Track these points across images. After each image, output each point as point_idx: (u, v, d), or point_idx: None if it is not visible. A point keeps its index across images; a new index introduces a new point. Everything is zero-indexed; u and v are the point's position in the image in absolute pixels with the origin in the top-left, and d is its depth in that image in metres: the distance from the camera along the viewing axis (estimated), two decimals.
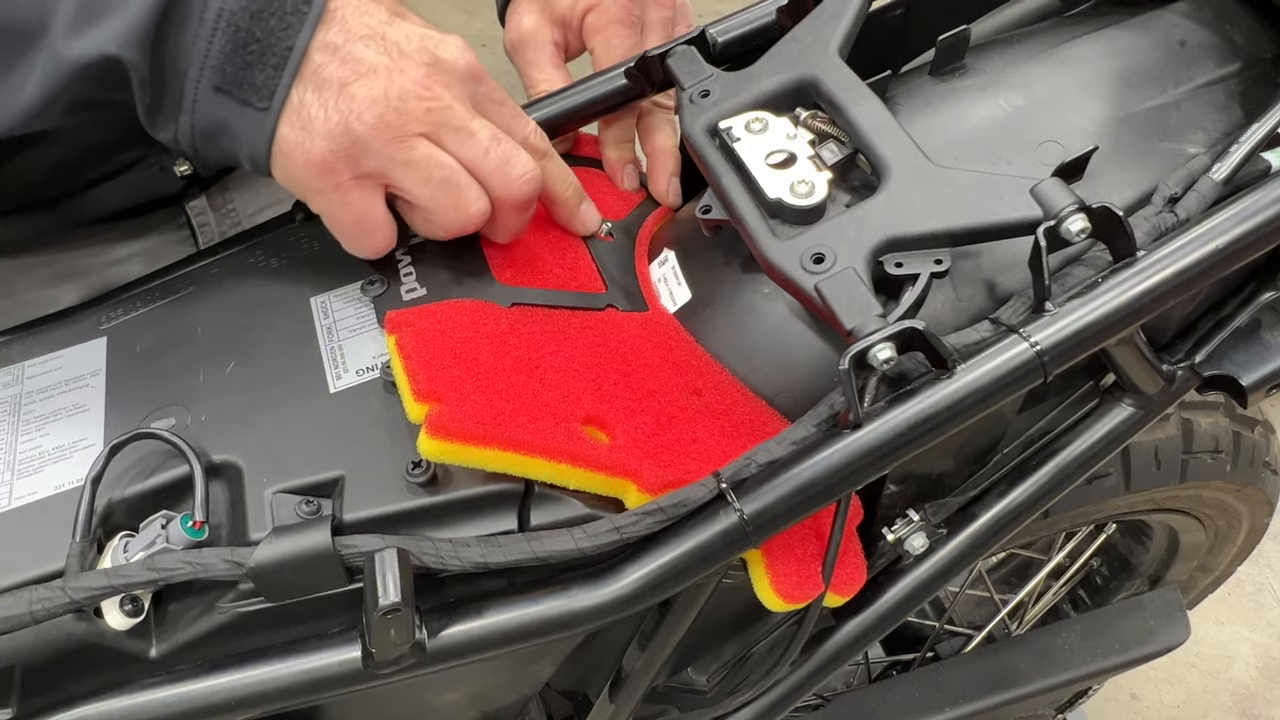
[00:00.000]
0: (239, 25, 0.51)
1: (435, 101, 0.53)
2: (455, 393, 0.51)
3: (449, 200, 0.55)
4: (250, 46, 0.51)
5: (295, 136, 0.52)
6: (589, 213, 0.64)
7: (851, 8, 0.62)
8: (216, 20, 0.51)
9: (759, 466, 0.50)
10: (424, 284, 0.58)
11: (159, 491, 0.52)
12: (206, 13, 0.51)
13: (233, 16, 0.51)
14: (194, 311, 0.61)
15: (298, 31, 0.51)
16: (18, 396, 0.58)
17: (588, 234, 0.65)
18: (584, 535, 0.50)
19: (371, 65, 0.52)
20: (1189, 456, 0.91)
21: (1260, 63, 0.65)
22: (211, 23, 0.51)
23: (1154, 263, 0.53)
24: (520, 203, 0.57)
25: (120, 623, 0.50)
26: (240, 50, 0.51)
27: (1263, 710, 1.56)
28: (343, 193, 0.54)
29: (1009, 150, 0.59)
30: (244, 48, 0.51)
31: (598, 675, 0.69)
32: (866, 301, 0.50)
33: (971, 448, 0.65)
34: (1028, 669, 1.00)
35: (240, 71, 0.52)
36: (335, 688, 0.51)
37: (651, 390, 0.56)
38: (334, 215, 0.55)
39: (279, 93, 0.52)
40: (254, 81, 0.52)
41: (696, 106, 0.61)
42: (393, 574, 0.47)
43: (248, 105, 0.52)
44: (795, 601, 0.54)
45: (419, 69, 0.53)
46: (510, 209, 0.57)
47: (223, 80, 0.52)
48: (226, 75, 0.52)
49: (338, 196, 0.54)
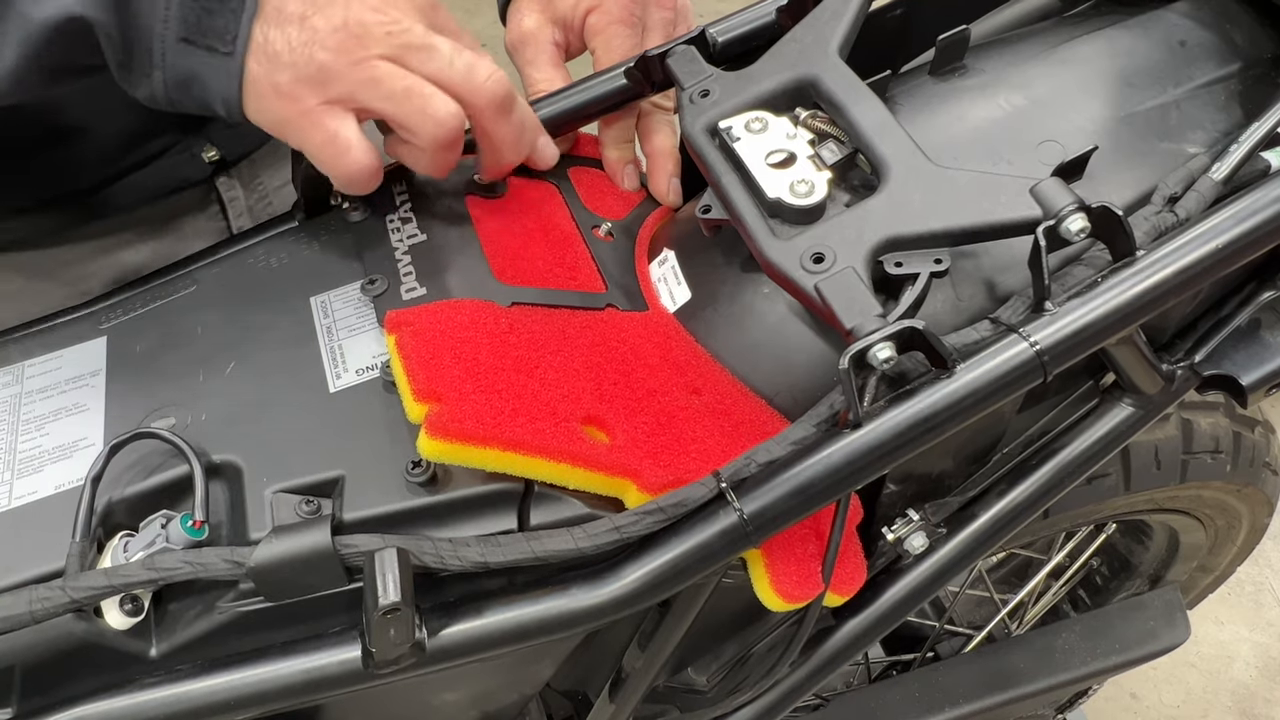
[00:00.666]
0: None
1: (394, 25, 0.55)
2: (455, 392, 0.51)
3: (417, 108, 0.56)
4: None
5: (262, 72, 0.54)
6: (547, 146, 0.66)
7: (851, 8, 0.62)
8: None
9: (759, 466, 0.50)
10: (424, 283, 0.58)
11: (159, 491, 0.53)
12: None
13: None
14: (194, 311, 0.61)
15: None
16: (18, 396, 0.58)
17: (546, 168, 0.66)
18: (584, 535, 0.50)
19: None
20: (1189, 456, 0.91)
21: (1260, 63, 0.65)
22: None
23: (1154, 262, 0.53)
24: (494, 102, 0.58)
25: (120, 622, 0.50)
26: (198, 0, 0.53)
27: (1263, 710, 1.56)
28: (312, 118, 0.55)
29: (1009, 150, 0.60)
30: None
31: (598, 675, 0.69)
32: (866, 301, 0.50)
33: (971, 447, 0.65)
34: (1028, 669, 1.00)
35: (201, 19, 0.53)
36: (335, 687, 0.51)
37: (651, 390, 0.56)
38: (306, 139, 0.56)
39: (240, 34, 0.54)
40: (215, 27, 0.54)
41: (696, 106, 0.61)
42: (392, 573, 0.47)
43: (214, 51, 0.54)
44: (795, 601, 0.54)
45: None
46: (488, 113, 0.58)
47: (186, 30, 0.54)
48: (189, 25, 0.54)
49: (307, 121, 0.55)
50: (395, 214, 0.62)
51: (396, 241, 0.61)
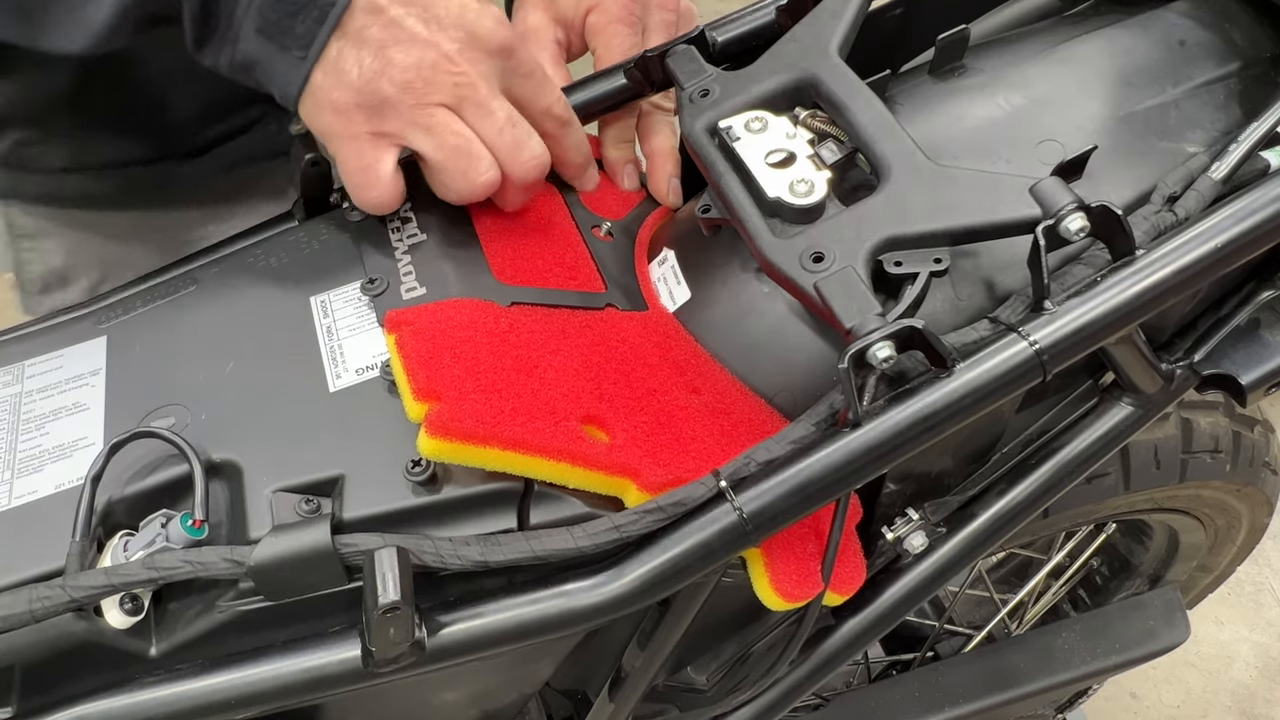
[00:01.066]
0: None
1: (462, 77, 0.56)
2: (455, 392, 0.51)
3: (460, 165, 0.58)
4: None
5: (326, 84, 0.56)
6: (591, 177, 0.69)
7: (851, 7, 0.62)
8: None
9: (758, 465, 0.50)
10: (424, 283, 0.58)
11: (159, 490, 0.53)
12: None
13: None
14: (194, 311, 0.61)
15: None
16: (18, 395, 0.58)
17: (586, 189, 0.68)
18: (583, 534, 0.50)
19: (411, 33, 0.55)
20: (1189, 456, 0.91)
21: (1259, 62, 0.65)
22: None
23: (1153, 261, 0.53)
24: (525, 183, 0.61)
25: (120, 621, 0.50)
26: (284, 0, 0.55)
27: (1263, 710, 1.56)
28: (358, 142, 0.57)
29: (1008, 149, 0.60)
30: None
31: (597, 674, 0.69)
32: (866, 300, 0.50)
33: (971, 446, 0.65)
34: (1028, 669, 1.00)
35: (283, 20, 0.55)
36: (335, 686, 0.51)
37: (651, 389, 0.56)
38: (344, 160, 0.59)
39: (316, 44, 0.55)
40: (294, 30, 0.55)
41: (696, 106, 0.61)
42: (392, 573, 0.47)
43: (286, 51, 0.56)
44: (794, 600, 0.54)
45: (453, 44, 0.56)
46: (516, 186, 0.61)
47: (264, 25, 0.55)
48: (268, 20, 0.55)
49: (353, 145, 0.57)
50: (395, 214, 0.62)
51: (396, 241, 0.61)
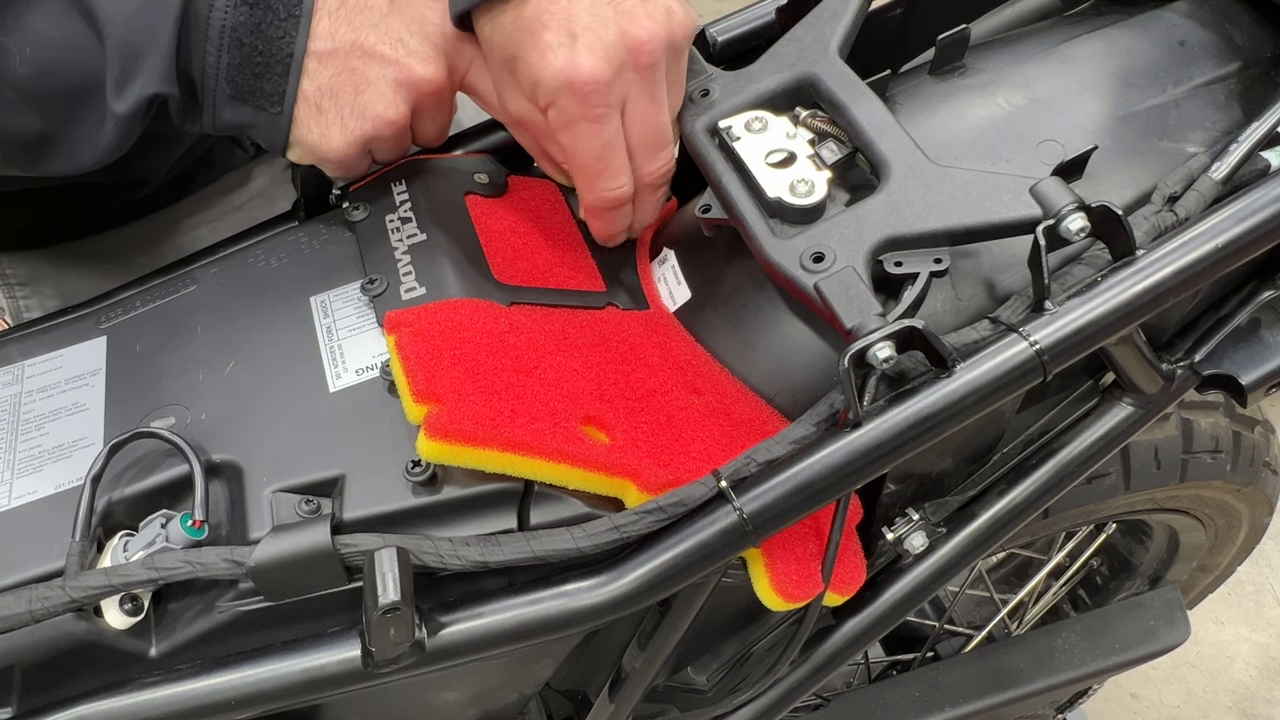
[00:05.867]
0: (242, 40, 0.56)
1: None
2: (454, 393, 0.51)
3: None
4: (255, 60, 0.57)
5: (312, 132, 0.59)
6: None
7: (851, 7, 0.62)
8: (220, 37, 0.56)
9: (758, 465, 0.50)
10: (423, 283, 0.58)
11: (159, 491, 0.53)
12: (210, 30, 0.56)
13: (234, 32, 0.56)
14: (194, 311, 0.61)
15: (294, 38, 0.57)
16: (18, 396, 0.58)
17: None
18: (583, 534, 0.50)
19: (369, 79, 0.58)
20: (1189, 456, 0.91)
21: (1260, 62, 0.65)
22: (216, 39, 0.56)
23: (1153, 261, 0.53)
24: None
25: (120, 622, 0.50)
26: (247, 64, 0.57)
27: (1263, 710, 1.55)
28: (346, 167, 0.62)
29: (1008, 149, 0.59)
30: (250, 61, 0.57)
31: (598, 674, 0.69)
32: (866, 300, 0.50)
33: (971, 447, 0.65)
34: (1028, 669, 1.00)
35: (251, 82, 0.58)
36: (335, 687, 0.51)
37: (651, 390, 0.56)
38: (332, 172, 0.64)
39: (288, 96, 0.58)
40: (264, 90, 0.58)
41: (696, 106, 0.61)
42: (392, 573, 0.47)
43: (262, 110, 0.59)
44: (795, 600, 0.54)
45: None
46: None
47: (236, 91, 0.58)
48: (239, 86, 0.58)
49: (341, 170, 0.63)
50: (395, 214, 0.62)
51: (396, 241, 0.61)
